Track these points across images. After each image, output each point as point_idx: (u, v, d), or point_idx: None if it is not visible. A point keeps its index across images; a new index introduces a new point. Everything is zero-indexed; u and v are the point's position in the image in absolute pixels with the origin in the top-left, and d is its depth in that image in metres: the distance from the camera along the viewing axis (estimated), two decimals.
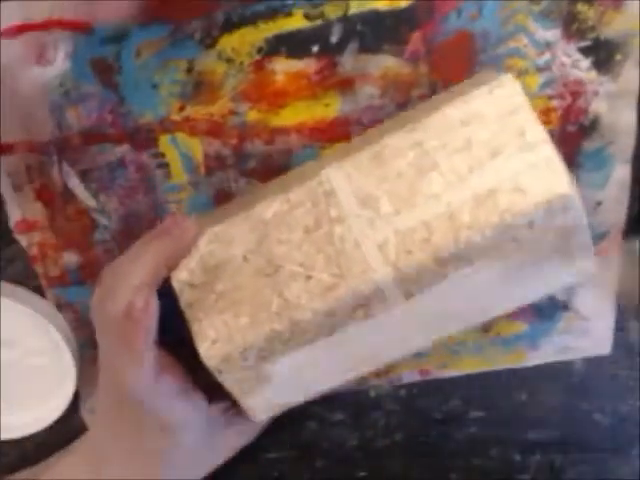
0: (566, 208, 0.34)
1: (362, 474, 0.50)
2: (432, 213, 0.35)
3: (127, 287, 0.37)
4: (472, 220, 0.34)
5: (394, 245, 0.35)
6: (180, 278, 0.38)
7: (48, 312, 0.46)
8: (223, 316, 0.37)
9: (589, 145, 0.42)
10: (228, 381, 0.38)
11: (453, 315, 0.38)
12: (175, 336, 0.39)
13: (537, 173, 0.34)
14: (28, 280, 0.47)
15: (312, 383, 0.40)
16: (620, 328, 0.46)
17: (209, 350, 0.37)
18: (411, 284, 0.36)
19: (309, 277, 0.36)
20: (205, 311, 0.37)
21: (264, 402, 0.40)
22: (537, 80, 0.41)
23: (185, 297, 0.38)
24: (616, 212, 0.43)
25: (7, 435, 0.48)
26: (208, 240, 0.38)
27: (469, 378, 0.47)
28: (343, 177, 0.37)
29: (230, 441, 0.45)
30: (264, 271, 0.37)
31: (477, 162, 0.35)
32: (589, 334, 0.46)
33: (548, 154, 0.34)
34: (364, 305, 0.36)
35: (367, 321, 0.37)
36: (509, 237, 0.35)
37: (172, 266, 0.38)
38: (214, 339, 0.37)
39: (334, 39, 0.41)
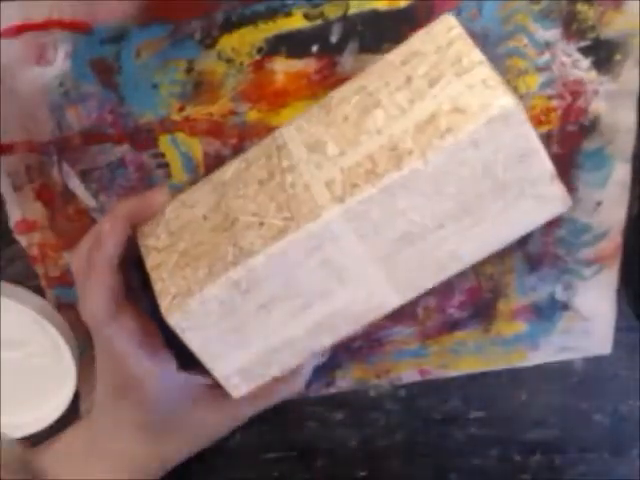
0: (508, 120, 0.33)
1: (362, 474, 0.50)
2: (376, 146, 0.35)
3: (96, 229, 0.41)
4: (414, 146, 0.34)
5: (340, 181, 0.35)
6: (147, 243, 0.40)
7: (48, 312, 0.46)
8: (183, 272, 0.37)
9: (589, 145, 0.42)
10: (194, 342, 0.37)
11: (417, 260, 0.37)
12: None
13: (475, 92, 0.34)
14: (28, 280, 0.47)
15: (283, 349, 0.39)
16: (620, 328, 0.46)
17: (170, 307, 0.37)
18: (361, 219, 0.35)
19: (262, 224, 0.36)
20: (168, 271, 0.38)
21: (237, 371, 0.39)
22: (537, 80, 0.41)
23: (150, 260, 0.39)
24: (616, 212, 0.43)
25: (20, 432, 0.48)
26: (173, 206, 0.40)
27: (469, 378, 0.48)
28: (294, 130, 0.38)
29: (212, 417, 0.44)
30: (222, 226, 0.37)
31: (417, 94, 0.35)
32: (589, 334, 0.46)
33: (485, 74, 0.34)
34: (317, 247, 0.36)
35: (325, 268, 0.36)
36: (456, 161, 0.34)
37: (138, 221, 0.41)
38: (174, 294, 0.37)
39: (334, 39, 0.41)
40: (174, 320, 0.37)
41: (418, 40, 0.38)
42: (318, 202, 0.35)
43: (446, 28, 0.37)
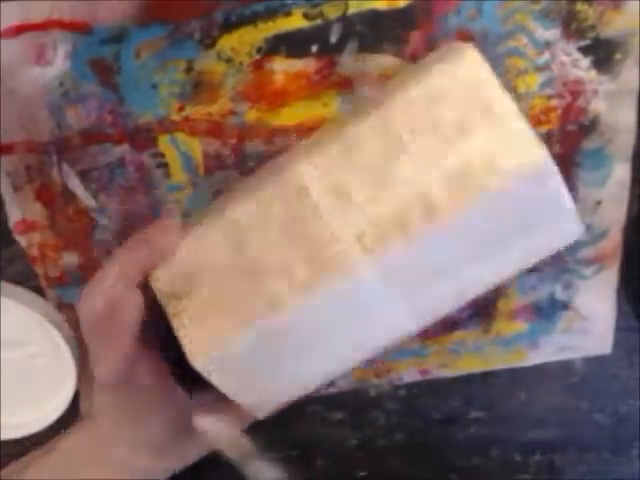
0: (540, 175, 0.34)
1: (362, 474, 0.50)
2: (405, 196, 0.35)
3: (104, 283, 0.37)
4: (444, 199, 0.34)
5: (370, 233, 0.35)
6: (162, 289, 0.38)
7: (49, 312, 0.46)
8: (207, 319, 0.37)
9: (589, 144, 0.42)
10: (220, 383, 0.38)
11: (440, 294, 0.37)
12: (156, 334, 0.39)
13: (507, 145, 0.34)
14: (28, 280, 0.47)
15: (308, 380, 0.39)
16: (620, 328, 0.46)
17: (196, 353, 0.36)
18: (389, 267, 0.35)
19: (290, 273, 0.36)
20: (190, 317, 0.37)
21: (261, 399, 0.39)
22: (537, 79, 0.41)
23: (171, 308, 0.37)
24: (616, 211, 0.43)
25: (7, 435, 0.48)
26: (185, 246, 0.38)
27: (469, 378, 0.48)
28: (313, 171, 0.36)
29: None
30: (244, 272, 0.37)
31: (446, 143, 0.34)
32: (589, 334, 0.46)
33: (517, 125, 0.34)
34: (346, 294, 0.36)
35: (351, 311, 0.36)
36: (485, 212, 0.34)
37: (150, 268, 0.38)
38: (200, 341, 0.37)
39: (333, 39, 0.41)
40: (201, 365, 0.37)
41: (443, 77, 0.35)
42: (347, 253, 0.35)
43: (473, 66, 0.35)
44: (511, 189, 0.33)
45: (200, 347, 0.37)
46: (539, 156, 0.33)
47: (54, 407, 0.48)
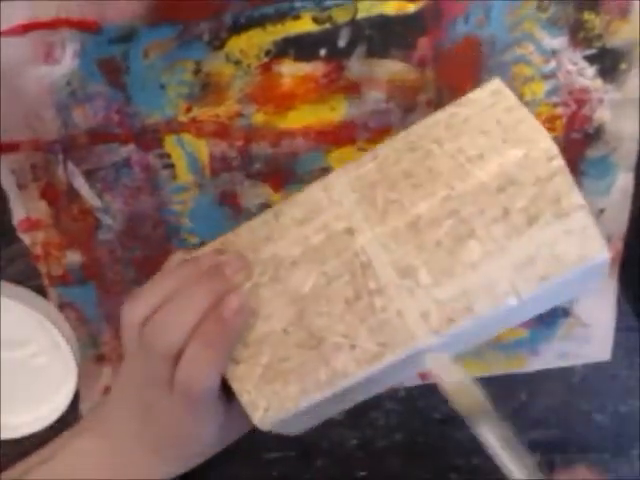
0: (601, 272, 0.37)
1: (362, 474, 0.50)
2: (471, 282, 0.36)
3: (177, 332, 0.37)
4: (510, 287, 0.35)
5: (436, 314, 0.36)
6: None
7: (49, 312, 0.46)
8: (272, 386, 0.38)
9: (593, 153, 0.43)
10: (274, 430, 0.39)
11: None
12: None
13: (574, 240, 0.35)
14: (29, 279, 0.47)
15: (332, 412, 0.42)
16: (620, 328, 0.46)
17: (263, 419, 0.38)
18: (452, 342, 0.37)
19: (353, 346, 0.37)
20: (253, 383, 0.38)
21: (293, 429, 0.41)
22: (542, 87, 0.41)
23: (230, 372, 0.38)
24: (618, 219, 0.44)
25: (7, 435, 0.48)
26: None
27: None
28: (379, 248, 0.37)
29: (225, 435, 0.44)
30: (307, 343, 0.38)
31: (515, 231, 0.35)
32: (589, 340, 0.47)
33: (584, 221, 0.35)
34: (407, 366, 0.37)
35: (407, 371, 0.39)
36: (545, 294, 0.36)
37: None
38: (266, 408, 0.38)
39: (342, 43, 0.41)
40: (267, 429, 0.38)
41: (516, 165, 0.36)
42: (413, 331, 0.36)
43: (546, 155, 0.35)
44: (570, 278, 0.35)
45: (267, 415, 0.38)
46: (604, 255, 0.35)
47: (54, 407, 0.48)
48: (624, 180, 0.43)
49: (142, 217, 0.45)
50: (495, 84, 0.38)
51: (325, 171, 0.44)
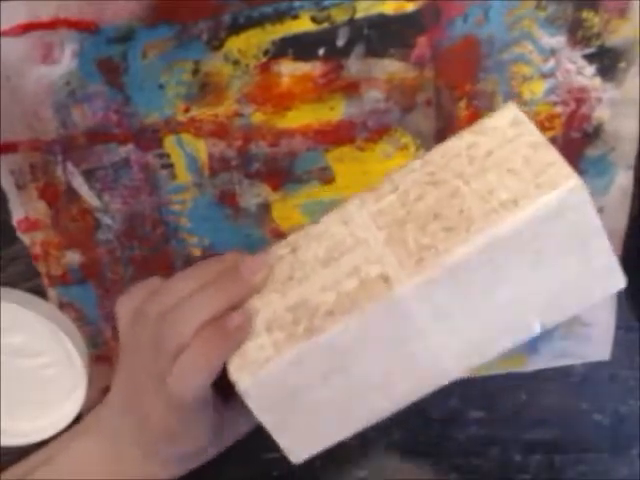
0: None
1: (362, 474, 0.50)
2: (500, 322, 0.37)
3: (185, 329, 0.37)
4: (538, 327, 0.38)
5: (470, 352, 0.38)
6: (247, 389, 0.38)
7: (63, 323, 0.47)
8: (309, 430, 0.39)
9: (592, 151, 0.43)
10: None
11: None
12: None
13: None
14: (28, 280, 0.47)
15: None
16: (620, 328, 0.46)
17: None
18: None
19: (389, 390, 0.38)
20: (289, 428, 0.39)
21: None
22: (542, 86, 0.41)
23: (267, 419, 0.38)
24: (618, 218, 0.44)
25: (17, 441, 0.48)
26: (286, 364, 0.37)
27: (469, 378, 0.47)
28: (414, 291, 0.36)
29: (225, 437, 0.44)
30: (346, 389, 0.38)
31: (542, 275, 0.36)
32: (589, 340, 0.47)
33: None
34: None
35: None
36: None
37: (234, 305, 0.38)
38: (299, 450, 0.40)
39: (340, 42, 0.41)
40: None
41: (547, 212, 0.35)
42: (449, 373, 0.38)
43: (576, 203, 0.35)
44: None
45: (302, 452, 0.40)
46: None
47: (66, 413, 0.48)
48: (623, 179, 0.43)
49: (141, 217, 0.45)
50: (512, 111, 0.38)
51: (324, 170, 0.44)
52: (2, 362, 0.47)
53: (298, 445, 0.40)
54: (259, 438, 0.46)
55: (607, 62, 0.41)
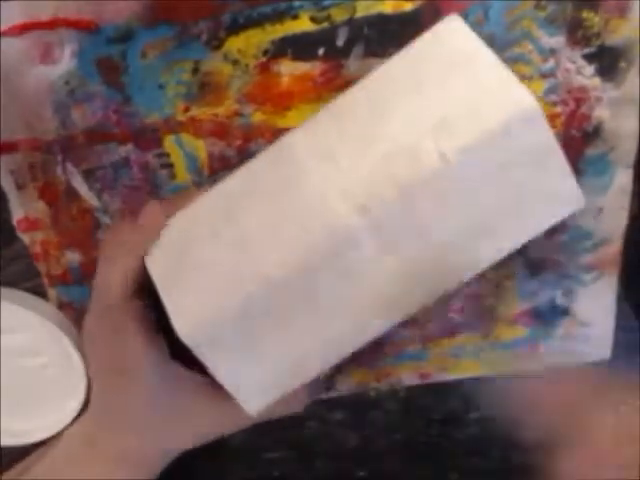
0: (527, 119, 0.34)
1: (362, 474, 0.50)
2: (392, 151, 0.34)
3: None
4: (432, 148, 0.34)
5: (359, 189, 0.34)
6: (156, 268, 0.38)
7: (64, 324, 0.47)
8: (197, 291, 0.36)
9: (592, 151, 0.43)
10: (208, 358, 0.36)
11: (433, 268, 0.36)
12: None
13: (492, 93, 0.34)
14: (28, 280, 0.47)
15: (297, 366, 0.38)
16: (620, 328, 0.46)
17: (185, 327, 0.36)
18: (382, 227, 0.35)
19: (278, 236, 0.35)
20: (179, 290, 0.37)
21: (250, 388, 0.38)
22: (541, 86, 0.41)
23: (159, 280, 0.37)
24: (617, 218, 0.44)
25: (18, 441, 0.48)
26: (176, 222, 0.39)
27: (469, 378, 0.48)
28: (302, 138, 0.37)
29: (212, 413, 0.43)
30: (234, 241, 0.36)
31: (430, 98, 0.35)
32: (589, 339, 0.47)
33: (499, 74, 0.35)
34: (336, 259, 0.35)
35: (342, 280, 0.35)
36: (474, 162, 0.34)
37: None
38: (190, 315, 0.36)
39: (340, 42, 0.41)
40: (191, 341, 0.36)
41: (425, 43, 0.37)
42: (337, 211, 0.35)
43: (453, 29, 0.36)
44: (497, 133, 0.33)
45: (187, 319, 0.36)
46: (524, 102, 0.33)
47: (65, 414, 0.48)
48: (623, 178, 0.43)
49: None
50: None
51: None
52: (2, 362, 0.47)
53: (186, 307, 0.37)
54: (259, 438, 0.47)
55: (607, 62, 0.41)
